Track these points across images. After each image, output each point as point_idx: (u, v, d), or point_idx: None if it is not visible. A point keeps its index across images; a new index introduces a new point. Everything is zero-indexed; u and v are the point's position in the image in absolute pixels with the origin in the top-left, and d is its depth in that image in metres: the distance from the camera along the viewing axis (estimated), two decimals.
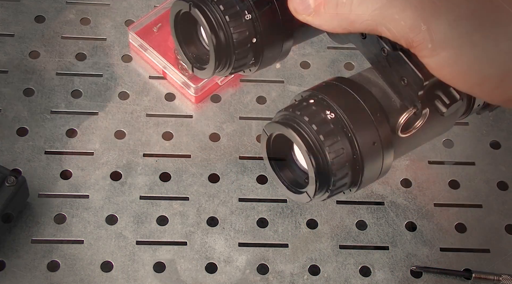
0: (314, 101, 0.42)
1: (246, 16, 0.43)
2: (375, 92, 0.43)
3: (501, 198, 0.67)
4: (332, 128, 0.40)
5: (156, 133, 0.69)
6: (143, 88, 0.71)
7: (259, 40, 0.44)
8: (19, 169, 0.65)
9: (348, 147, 0.41)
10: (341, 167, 0.41)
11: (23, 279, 0.59)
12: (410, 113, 0.41)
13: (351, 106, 0.41)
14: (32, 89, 0.70)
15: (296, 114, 0.41)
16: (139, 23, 0.73)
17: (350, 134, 0.41)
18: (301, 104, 0.42)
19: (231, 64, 0.44)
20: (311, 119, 0.41)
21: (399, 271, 0.62)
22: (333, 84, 0.43)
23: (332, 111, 0.41)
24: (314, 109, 0.41)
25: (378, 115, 0.42)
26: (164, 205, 0.65)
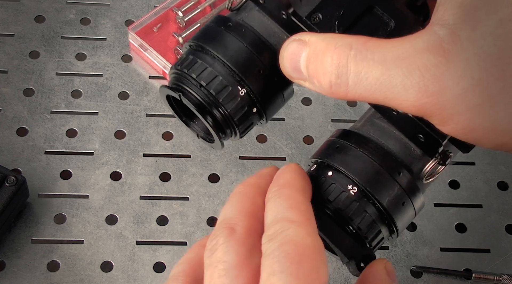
0: (332, 173, 0.40)
1: (240, 92, 0.40)
2: (392, 146, 0.41)
3: (501, 198, 0.67)
4: (358, 205, 0.39)
5: (156, 133, 0.68)
6: (143, 88, 0.71)
7: (259, 107, 0.41)
8: (19, 169, 0.65)
9: (378, 216, 0.40)
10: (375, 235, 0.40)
11: (23, 279, 0.59)
12: (434, 163, 0.40)
13: (371, 174, 0.39)
14: (32, 89, 0.70)
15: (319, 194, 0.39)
16: (139, 23, 0.73)
17: (378, 205, 0.39)
18: (320, 179, 0.40)
19: (237, 133, 0.42)
20: (336, 201, 0.39)
21: (399, 271, 0.62)
22: (346, 147, 0.41)
23: (354, 185, 0.39)
24: (335, 187, 0.39)
25: (400, 175, 0.40)
26: (164, 205, 0.65)
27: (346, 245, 0.39)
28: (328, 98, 0.72)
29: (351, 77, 0.34)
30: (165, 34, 0.73)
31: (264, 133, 0.69)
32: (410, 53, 0.32)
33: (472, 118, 0.32)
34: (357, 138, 0.41)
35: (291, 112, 0.71)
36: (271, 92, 0.41)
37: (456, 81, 0.31)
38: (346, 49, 0.34)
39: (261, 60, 0.40)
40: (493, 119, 0.32)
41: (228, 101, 0.40)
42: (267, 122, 0.43)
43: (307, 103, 0.72)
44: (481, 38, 0.31)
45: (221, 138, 0.42)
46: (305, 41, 0.36)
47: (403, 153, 0.41)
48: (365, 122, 0.43)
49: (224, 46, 0.40)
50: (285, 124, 0.70)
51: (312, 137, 0.69)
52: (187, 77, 0.40)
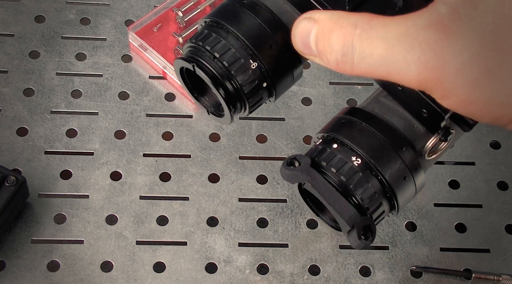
0: (337, 146, 0.41)
1: (251, 65, 0.41)
2: (396, 123, 0.42)
3: (501, 198, 0.67)
4: (361, 176, 0.40)
5: (156, 133, 0.69)
6: (143, 88, 0.71)
7: (269, 82, 0.42)
8: (19, 169, 0.65)
9: (380, 188, 0.41)
10: (376, 207, 0.41)
11: (23, 279, 0.59)
12: (436, 139, 0.41)
13: (376, 147, 0.41)
14: (32, 89, 0.70)
15: (323, 164, 0.41)
16: (139, 23, 0.73)
17: (380, 177, 0.40)
18: (325, 152, 0.41)
19: (246, 108, 0.43)
20: (339, 170, 0.40)
21: (399, 271, 0.62)
22: (352, 122, 0.42)
23: (358, 157, 0.40)
24: (339, 157, 0.41)
25: (403, 150, 0.41)
26: (164, 205, 0.65)
27: (349, 213, 0.40)
28: (328, 98, 0.72)
29: (356, 55, 0.35)
30: (165, 34, 0.73)
31: (264, 133, 0.69)
32: (412, 30, 0.34)
33: (470, 92, 0.34)
34: (362, 114, 0.43)
35: (291, 112, 0.71)
36: (281, 69, 0.43)
37: (456, 56, 0.33)
38: (352, 28, 0.36)
39: (274, 37, 0.42)
40: (490, 93, 0.33)
41: (240, 73, 0.41)
42: (275, 100, 0.45)
43: (307, 103, 0.72)
44: (481, 15, 0.33)
45: (231, 111, 0.43)
46: (314, 19, 0.38)
47: (407, 129, 0.42)
48: (371, 100, 0.44)
49: (238, 22, 0.42)
50: (285, 124, 0.70)
51: (312, 137, 0.69)
52: (201, 49, 0.42)
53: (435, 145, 0.41)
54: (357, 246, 0.41)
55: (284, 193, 0.66)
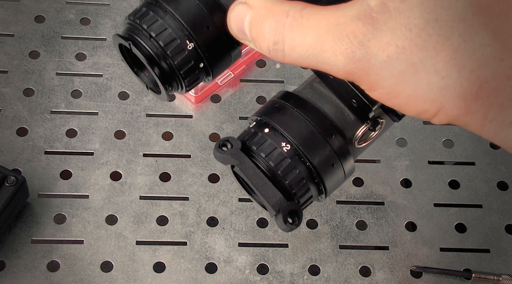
0: (269, 130, 0.42)
1: (188, 46, 0.41)
2: (328, 110, 0.43)
3: (501, 198, 0.67)
4: (290, 162, 0.41)
5: (156, 133, 0.69)
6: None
7: (206, 63, 0.42)
8: (19, 169, 0.65)
9: (308, 174, 0.41)
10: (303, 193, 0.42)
11: (23, 279, 0.59)
12: (365, 128, 0.42)
13: (305, 134, 0.42)
14: (32, 89, 0.70)
15: (253, 148, 0.41)
16: None
17: (308, 164, 0.41)
18: (256, 136, 0.42)
19: (183, 87, 0.44)
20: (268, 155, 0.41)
21: (399, 271, 0.62)
22: (285, 107, 0.43)
23: (288, 143, 0.41)
24: (269, 143, 0.41)
25: (333, 138, 0.42)
26: (164, 205, 0.65)
27: (275, 198, 0.40)
28: None
29: (287, 44, 0.36)
30: None
31: None
32: (341, 21, 0.34)
33: (396, 85, 0.34)
34: (295, 100, 0.43)
35: None
36: (218, 50, 0.43)
37: (382, 48, 0.33)
38: (283, 16, 0.36)
39: (211, 18, 0.42)
40: (415, 86, 0.34)
41: (176, 54, 0.41)
42: (213, 79, 0.45)
43: None
44: (409, 9, 0.33)
45: (167, 90, 0.43)
46: (249, 4, 0.38)
47: (338, 117, 0.43)
48: (306, 86, 0.45)
49: (176, 2, 0.42)
50: None
51: None
52: (138, 28, 0.42)
53: (365, 133, 0.42)
54: (283, 229, 0.41)
55: None
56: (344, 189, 0.66)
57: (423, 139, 0.69)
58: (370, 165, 0.68)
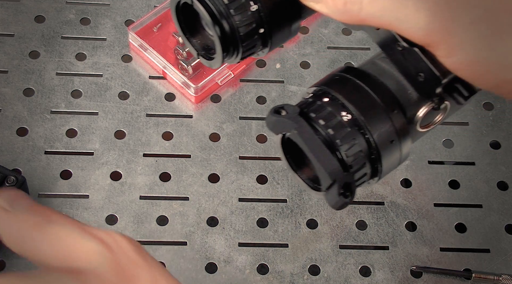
0: (328, 100, 0.40)
1: (251, 7, 0.41)
2: (390, 85, 0.41)
3: (501, 198, 0.67)
4: (349, 132, 0.39)
5: (156, 133, 0.69)
6: (143, 88, 0.71)
7: (266, 29, 0.41)
8: (19, 169, 0.65)
9: (366, 148, 0.40)
10: (360, 167, 0.40)
11: None
12: (429, 107, 0.40)
13: (367, 105, 0.40)
14: (32, 89, 0.70)
15: (311, 116, 0.40)
16: (139, 23, 0.73)
17: (368, 136, 0.39)
18: (315, 104, 0.40)
19: (239, 54, 0.43)
20: (327, 123, 0.39)
21: (399, 271, 0.62)
22: (346, 78, 0.41)
23: (348, 112, 0.39)
24: (329, 111, 0.40)
25: (395, 113, 0.40)
26: (164, 205, 0.65)
27: (333, 166, 0.38)
28: None
29: None
30: (165, 34, 0.73)
31: (264, 133, 0.69)
32: None
33: (479, 49, 0.32)
34: (357, 72, 0.42)
35: None
36: (280, 18, 0.42)
37: (469, 9, 0.31)
38: None
39: None
40: (500, 52, 0.32)
41: (238, 13, 0.40)
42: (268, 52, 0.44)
43: None
44: None
45: (223, 52, 0.42)
46: None
47: (400, 93, 0.41)
48: (367, 62, 0.43)
49: None
50: None
51: None
52: None
53: (426, 114, 0.41)
54: (335, 203, 0.39)
55: (284, 193, 0.66)
56: None
57: (423, 139, 0.69)
58: None
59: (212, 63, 0.45)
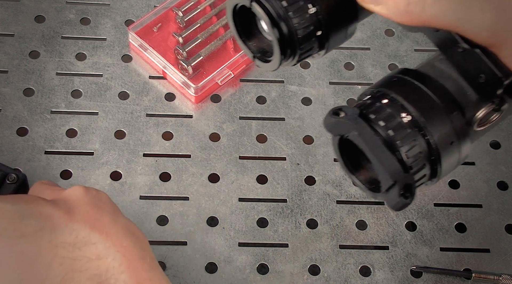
0: (388, 101, 0.40)
1: (309, 10, 0.41)
2: (449, 87, 0.41)
3: (501, 198, 0.67)
4: (410, 133, 0.39)
5: (156, 133, 0.69)
6: (143, 88, 0.71)
7: (324, 32, 0.41)
8: (19, 169, 0.65)
9: (426, 149, 0.40)
10: (420, 168, 0.40)
11: None
12: (489, 109, 0.40)
13: (427, 106, 0.40)
14: (32, 89, 0.70)
15: (370, 117, 0.40)
16: (139, 23, 0.73)
17: (428, 137, 0.39)
18: (374, 105, 0.40)
19: (295, 56, 0.42)
20: (387, 124, 0.39)
21: (399, 271, 0.62)
22: (405, 80, 0.41)
23: (408, 114, 0.39)
24: (389, 112, 0.39)
25: (454, 114, 0.40)
26: (164, 205, 0.65)
27: (394, 167, 0.38)
28: (328, 98, 0.72)
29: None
30: (165, 34, 0.73)
31: (264, 133, 0.69)
32: None
33: None
34: (415, 74, 0.41)
35: (291, 112, 0.71)
36: (337, 20, 0.42)
37: None
38: None
39: None
40: None
41: (297, 16, 0.40)
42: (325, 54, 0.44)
43: (307, 103, 0.72)
44: None
45: (281, 55, 0.42)
46: None
47: (460, 95, 0.41)
48: (425, 64, 0.43)
49: None
50: (285, 124, 0.70)
51: (312, 137, 0.69)
52: None
53: (486, 114, 0.40)
54: (395, 204, 0.39)
55: (284, 193, 0.66)
56: (344, 189, 0.66)
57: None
58: None
59: (268, 66, 0.45)
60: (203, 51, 0.71)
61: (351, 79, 0.73)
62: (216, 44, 0.72)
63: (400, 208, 0.39)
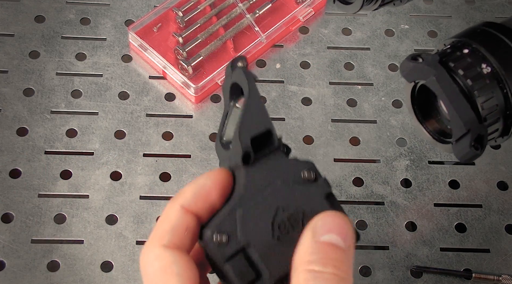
0: (469, 51, 0.39)
1: None
2: None
3: (501, 198, 0.67)
4: (488, 84, 0.38)
5: (156, 133, 0.68)
6: (143, 88, 0.71)
7: None
8: (19, 169, 0.65)
9: (502, 102, 0.38)
10: (494, 121, 0.38)
11: (23, 279, 0.59)
12: None
13: (509, 60, 0.39)
14: (32, 89, 0.70)
15: (450, 65, 0.38)
16: (139, 23, 0.73)
17: (506, 91, 0.38)
18: (455, 54, 0.39)
19: (378, 1, 0.41)
20: (467, 73, 0.38)
21: (399, 271, 0.62)
22: (488, 32, 0.40)
23: (488, 65, 0.38)
24: (469, 61, 0.38)
25: None
26: (164, 205, 0.64)
27: (469, 116, 0.37)
28: (328, 98, 0.72)
29: None
30: (165, 34, 0.73)
31: None
32: None
33: None
34: (500, 27, 0.40)
35: (291, 112, 0.71)
36: None
37: None
38: None
39: None
40: None
41: None
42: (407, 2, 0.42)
43: (307, 103, 0.72)
44: None
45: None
46: None
47: None
48: (510, 19, 0.42)
49: None
50: (285, 124, 0.70)
51: (312, 137, 0.69)
52: None
53: None
54: (465, 154, 0.38)
55: None
56: (344, 189, 0.66)
57: (423, 139, 0.69)
58: (370, 165, 0.68)
59: (349, 8, 0.43)
60: (203, 51, 0.71)
61: (351, 79, 0.73)
62: (216, 44, 0.72)
63: (470, 159, 0.38)
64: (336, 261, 0.33)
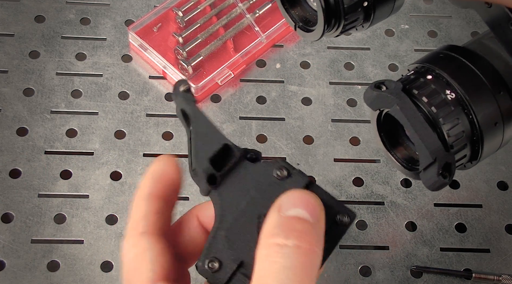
0: (432, 77, 0.39)
1: None
2: (497, 66, 0.40)
3: (501, 198, 0.67)
4: (453, 111, 0.38)
5: (156, 133, 0.68)
6: (143, 88, 0.71)
7: (370, 3, 0.40)
8: (19, 169, 0.65)
9: (468, 128, 0.38)
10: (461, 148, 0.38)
11: (23, 279, 0.59)
12: None
13: (472, 85, 0.38)
14: (32, 89, 0.70)
15: (414, 92, 0.38)
16: (139, 23, 0.73)
17: (471, 116, 0.38)
18: (418, 81, 0.39)
19: (339, 27, 0.41)
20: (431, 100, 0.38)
21: (399, 271, 0.62)
22: (451, 56, 0.40)
23: (453, 91, 0.38)
24: (433, 88, 0.38)
25: (501, 94, 0.39)
26: None
27: (435, 145, 0.37)
28: (328, 98, 0.72)
29: None
30: (165, 34, 0.73)
31: (264, 133, 0.69)
32: None
33: None
34: (463, 51, 0.40)
35: (291, 112, 0.71)
36: None
37: None
38: None
39: None
40: None
41: None
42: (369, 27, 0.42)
43: (307, 103, 0.72)
44: None
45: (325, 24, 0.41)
46: None
47: (508, 75, 0.40)
48: (473, 42, 0.42)
49: None
50: (285, 124, 0.70)
51: (312, 137, 0.69)
52: None
53: None
54: (433, 183, 0.38)
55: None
56: (344, 189, 0.66)
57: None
58: (370, 165, 0.68)
59: (310, 35, 0.44)
60: (203, 51, 0.71)
61: (351, 79, 0.73)
62: (216, 44, 0.72)
63: (438, 188, 0.38)
64: (300, 233, 0.31)
